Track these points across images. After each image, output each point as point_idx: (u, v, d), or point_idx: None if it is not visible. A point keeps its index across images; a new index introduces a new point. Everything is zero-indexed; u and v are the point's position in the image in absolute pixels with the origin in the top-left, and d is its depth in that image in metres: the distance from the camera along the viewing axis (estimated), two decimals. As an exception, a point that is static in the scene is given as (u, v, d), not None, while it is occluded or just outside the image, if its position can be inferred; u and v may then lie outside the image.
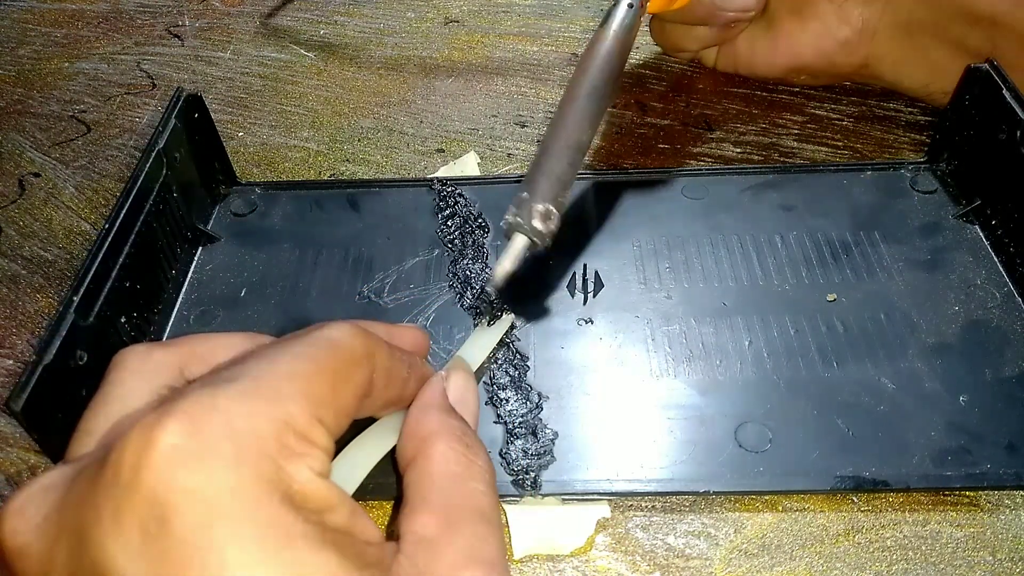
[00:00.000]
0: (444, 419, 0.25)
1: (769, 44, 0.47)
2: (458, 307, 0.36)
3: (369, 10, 0.61)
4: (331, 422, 0.20)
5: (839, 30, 0.44)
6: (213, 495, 0.17)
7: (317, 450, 0.20)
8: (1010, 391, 0.31)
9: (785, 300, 0.35)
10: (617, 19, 0.31)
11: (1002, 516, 0.29)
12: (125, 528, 0.17)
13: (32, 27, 0.61)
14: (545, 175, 0.29)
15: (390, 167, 0.46)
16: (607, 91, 0.30)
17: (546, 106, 0.50)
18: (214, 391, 0.19)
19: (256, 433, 0.18)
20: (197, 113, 0.39)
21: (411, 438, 0.24)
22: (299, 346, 0.21)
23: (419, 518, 0.21)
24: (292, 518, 0.18)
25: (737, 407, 0.31)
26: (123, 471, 0.17)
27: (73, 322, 0.28)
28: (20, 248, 0.42)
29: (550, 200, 0.28)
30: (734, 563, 0.28)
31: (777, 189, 0.41)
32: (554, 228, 0.29)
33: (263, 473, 0.18)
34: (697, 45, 0.49)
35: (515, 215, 0.28)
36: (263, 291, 0.37)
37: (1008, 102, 0.35)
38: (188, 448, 0.17)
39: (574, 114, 0.30)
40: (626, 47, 0.31)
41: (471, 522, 0.22)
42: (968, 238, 0.37)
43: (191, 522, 0.17)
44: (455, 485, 0.23)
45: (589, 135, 0.30)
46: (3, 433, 0.34)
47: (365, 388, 0.22)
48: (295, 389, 0.20)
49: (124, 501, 0.17)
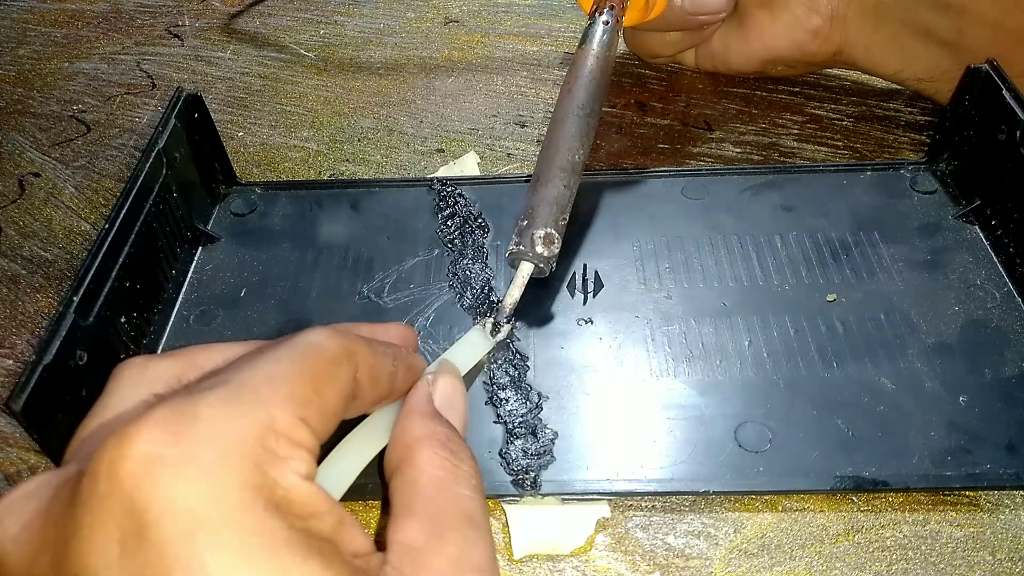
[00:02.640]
0: (428, 425, 0.24)
1: (742, 40, 0.47)
2: (458, 307, 0.36)
3: (369, 10, 0.61)
4: (316, 423, 0.20)
5: (809, 19, 0.44)
6: (193, 504, 0.17)
7: (302, 451, 0.19)
8: (1010, 391, 0.31)
9: (785, 300, 0.35)
10: (595, 38, 0.32)
11: (1002, 516, 0.29)
12: (104, 539, 0.16)
13: (32, 27, 0.61)
14: (543, 201, 0.29)
15: (390, 167, 0.46)
16: (594, 108, 0.31)
17: (546, 106, 0.50)
18: (192, 397, 0.18)
19: (237, 437, 0.18)
20: (197, 113, 0.39)
21: (396, 445, 0.24)
22: (279, 350, 0.21)
23: (405, 526, 0.21)
24: (276, 525, 0.17)
25: (737, 407, 0.31)
26: (100, 481, 0.17)
27: (73, 322, 0.28)
28: (20, 248, 0.42)
29: (551, 225, 0.29)
30: (734, 563, 0.28)
31: (777, 189, 0.41)
32: (556, 251, 0.29)
33: (246, 479, 0.17)
34: (671, 50, 0.50)
35: (517, 244, 0.29)
36: (263, 291, 0.37)
37: (1008, 102, 0.35)
38: (167, 456, 0.17)
39: (564, 136, 0.30)
40: (608, 63, 0.32)
41: (459, 528, 0.21)
42: (968, 238, 0.37)
43: (171, 532, 0.16)
44: (441, 491, 0.22)
45: (582, 155, 0.30)
46: (3, 433, 0.34)
47: (350, 387, 0.22)
48: (276, 391, 0.19)
49: (102, 511, 0.17)
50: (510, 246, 0.29)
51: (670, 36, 0.48)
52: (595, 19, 0.32)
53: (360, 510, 0.30)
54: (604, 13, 0.32)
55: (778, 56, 0.47)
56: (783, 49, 0.46)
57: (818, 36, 0.45)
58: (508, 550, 0.29)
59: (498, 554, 0.29)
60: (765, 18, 0.45)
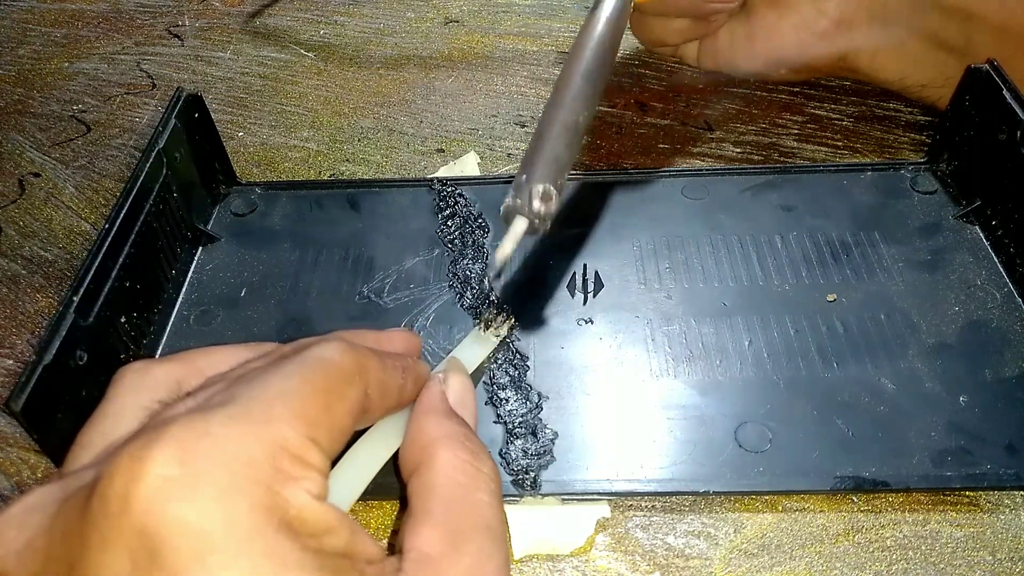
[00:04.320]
0: (447, 424, 0.24)
1: (748, 38, 0.47)
2: (458, 307, 0.36)
3: (369, 10, 0.61)
4: (326, 442, 0.20)
5: (816, 22, 0.44)
6: (206, 526, 0.17)
7: (313, 472, 0.19)
8: (1010, 391, 0.31)
9: (785, 300, 0.35)
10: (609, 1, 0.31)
11: (1002, 516, 0.29)
12: (115, 560, 0.16)
13: (32, 27, 0.61)
14: (542, 157, 0.28)
15: (390, 167, 0.46)
16: (602, 72, 0.30)
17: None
18: (204, 416, 0.18)
19: (249, 458, 0.18)
20: (197, 113, 0.39)
21: (413, 445, 0.24)
22: (289, 366, 0.21)
23: (423, 533, 0.21)
24: (289, 547, 0.17)
25: (737, 407, 0.31)
26: (111, 501, 0.17)
27: (73, 322, 0.28)
28: (20, 248, 0.42)
29: (549, 181, 0.28)
30: (734, 563, 0.28)
31: (777, 189, 0.41)
32: (554, 210, 0.28)
33: (258, 500, 0.17)
34: (677, 38, 0.49)
35: (514, 198, 0.28)
36: (263, 291, 0.37)
37: (1008, 102, 0.35)
38: (179, 477, 0.17)
39: (569, 95, 0.29)
40: (618, 30, 0.31)
41: (476, 539, 0.21)
42: (968, 238, 0.37)
43: (183, 555, 0.16)
44: (460, 497, 0.22)
45: (586, 116, 0.30)
46: (3, 433, 0.34)
47: (360, 404, 0.22)
48: (287, 411, 0.19)
49: (113, 532, 0.17)
50: (506, 199, 0.28)
51: (677, 23, 0.48)
52: None
53: (360, 509, 0.30)
54: None
55: (782, 58, 0.47)
56: (788, 50, 0.46)
57: (824, 39, 0.45)
58: (508, 550, 0.29)
59: (498, 554, 0.29)
60: (772, 17, 0.45)
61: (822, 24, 0.44)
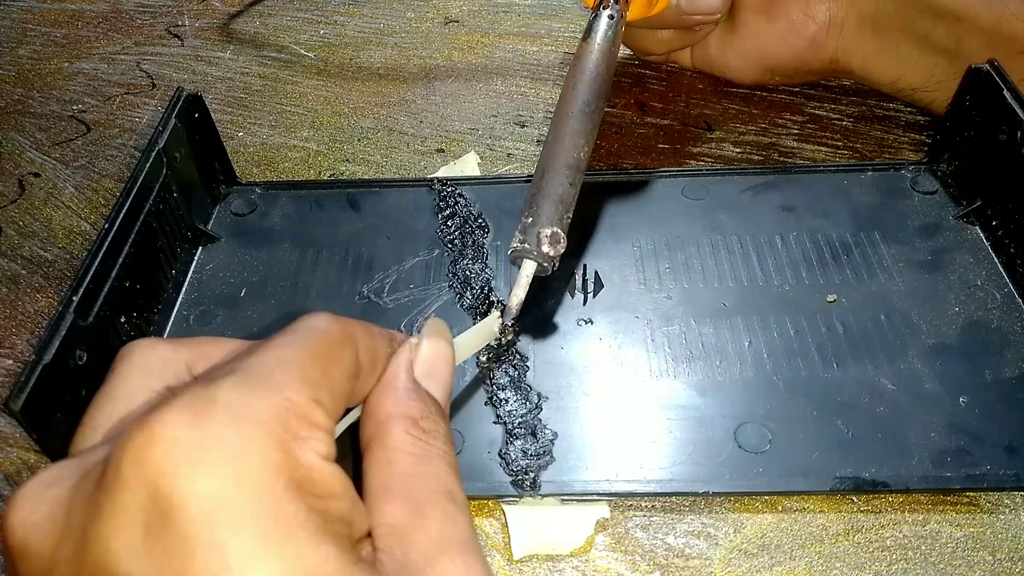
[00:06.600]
0: (402, 402, 0.23)
1: (739, 46, 0.47)
2: (458, 307, 0.36)
3: (369, 10, 0.61)
4: (328, 403, 0.20)
5: (806, 26, 0.44)
6: (216, 486, 0.17)
7: (320, 432, 0.19)
8: (1010, 392, 0.31)
9: (785, 301, 0.35)
10: (599, 32, 0.31)
11: (1002, 516, 0.29)
12: (128, 523, 0.17)
13: (32, 27, 0.61)
14: (547, 198, 0.28)
15: (390, 167, 0.46)
16: (598, 105, 0.30)
17: (546, 106, 0.50)
18: (211, 384, 0.19)
19: (258, 419, 0.18)
20: (197, 113, 0.39)
21: (368, 419, 0.23)
22: (284, 337, 0.21)
23: (385, 509, 0.21)
24: (295, 507, 0.18)
25: (737, 407, 0.31)
26: (124, 467, 0.17)
27: (73, 322, 0.28)
28: (20, 248, 0.42)
29: (556, 223, 0.28)
30: (734, 563, 0.28)
31: (777, 189, 0.41)
32: (562, 251, 0.28)
33: (268, 459, 0.18)
34: (662, 49, 0.50)
35: (522, 242, 0.28)
36: (263, 291, 0.37)
37: (1008, 103, 0.35)
38: (189, 440, 0.17)
39: (568, 133, 0.29)
40: (611, 59, 0.31)
41: (439, 504, 0.21)
42: (968, 239, 0.37)
43: (193, 516, 0.17)
44: (415, 470, 0.22)
45: (586, 152, 0.30)
46: (3, 433, 0.34)
47: (353, 367, 0.22)
48: (289, 374, 0.20)
49: (126, 498, 0.17)
50: (513, 243, 0.28)
51: (662, 34, 0.48)
52: (599, 12, 0.31)
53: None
54: (609, 7, 0.32)
55: (774, 63, 0.47)
56: (779, 56, 0.46)
57: (814, 43, 0.45)
58: (508, 550, 0.29)
59: (498, 554, 0.29)
60: (762, 24, 0.45)
61: (811, 29, 0.44)
